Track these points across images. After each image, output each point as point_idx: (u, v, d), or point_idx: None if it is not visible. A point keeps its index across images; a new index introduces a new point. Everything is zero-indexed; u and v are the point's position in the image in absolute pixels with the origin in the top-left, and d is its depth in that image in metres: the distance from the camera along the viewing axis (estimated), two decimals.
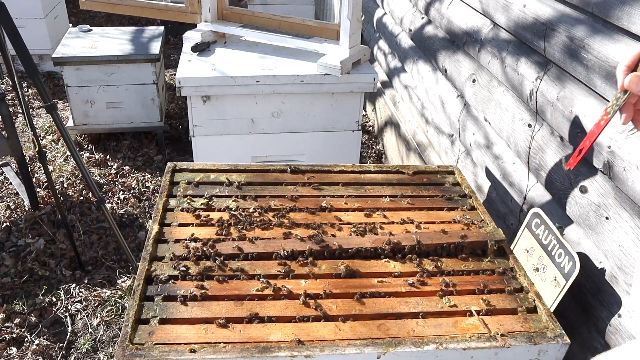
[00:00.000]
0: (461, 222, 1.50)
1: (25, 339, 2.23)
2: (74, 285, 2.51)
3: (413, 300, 1.21)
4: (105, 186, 3.22)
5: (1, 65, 2.37)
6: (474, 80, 2.39)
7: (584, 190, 1.58)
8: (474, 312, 1.19)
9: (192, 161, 2.23)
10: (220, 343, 1.06)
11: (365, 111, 4.39)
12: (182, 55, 2.44)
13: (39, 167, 3.30)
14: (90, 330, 2.31)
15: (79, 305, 2.42)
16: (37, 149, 2.19)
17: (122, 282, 2.55)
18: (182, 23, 2.79)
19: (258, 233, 1.40)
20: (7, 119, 2.51)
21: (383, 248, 1.35)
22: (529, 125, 1.91)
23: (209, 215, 1.44)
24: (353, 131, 2.50)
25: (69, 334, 2.29)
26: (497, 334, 1.13)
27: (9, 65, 2.11)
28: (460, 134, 2.53)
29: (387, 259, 1.34)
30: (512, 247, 1.67)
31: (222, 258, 1.29)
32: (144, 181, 3.31)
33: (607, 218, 1.47)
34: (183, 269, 1.25)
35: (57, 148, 3.58)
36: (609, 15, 1.52)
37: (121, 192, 3.18)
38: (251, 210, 1.47)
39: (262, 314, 1.14)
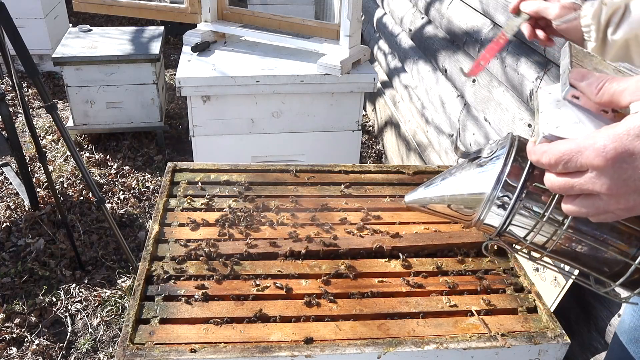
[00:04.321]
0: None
1: (25, 339, 2.23)
2: (74, 285, 2.51)
3: (413, 300, 1.21)
4: (105, 186, 3.22)
5: (1, 65, 2.37)
6: (474, 80, 2.39)
7: None
8: (475, 312, 1.19)
9: (192, 161, 2.23)
10: (220, 343, 1.06)
11: (365, 111, 4.39)
12: (182, 55, 2.44)
13: (39, 167, 3.31)
14: (90, 330, 2.31)
15: (79, 305, 2.42)
16: (35, 149, 2.19)
17: (122, 282, 2.55)
18: (182, 23, 2.78)
19: (258, 233, 1.40)
20: (7, 119, 2.52)
21: (383, 248, 1.35)
22: (529, 125, 1.91)
23: (209, 215, 1.44)
24: (353, 131, 2.50)
25: (69, 334, 2.29)
26: (498, 333, 1.13)
27: (8, 65, 2.11)
28: (461, 134, 2.53)
29: (387, 259, 1.34)
30: None
31: (222, 258, 1.29)
32: (144, 181, 3.31)
33: None
34: (183, 268, 1.25)
35: (57, 148, 3.58)
36: None
37: (121, 192, 3.18)
38: (252, 210, 1.47)
39: (263, 313, 1.14)
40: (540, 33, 1.16)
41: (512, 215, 0.74)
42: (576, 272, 0.89)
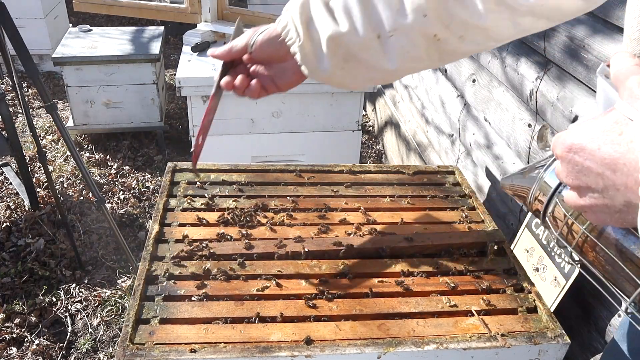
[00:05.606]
0: (461, 223, 1.50)
1: (25, 339, 2.23)
2: (74, 285, 2.51)
3: (413, 300, 1.21)
4: (105, 186, 3.22)
5: (1, 65, 2.37)
6: (474, 80, 2.39)
7: None
8: (475, 312, 1.19)
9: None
10: (220, 343, 1.07)
11: (365, 111, 4.39)
12: (182, 55, 2.44)
13: (39, 167, 3.30)
14: (90, 330, 2.31)
15: (79, 305, 2.42)
16: (36, 149, 2.19)
17: (122, 282, 2.55)
18: (182, 23, 2.79)
19: (258, 233, 1.40)
20: (7, 119, 2.52)
21: (383, 248, 1.35)
22: (529, 126, 1.91)
23: (209, 215, 1.44)
24: (353, 131, 2.50)
25: (69, 334, 2.29)
26: (498, 334, 1.13)
27: (9, 65, 2.11)
28: (461, 134, 2.53)
29: (387, 259, 1.34)
30: (512, 247, 1.67)
31: (222, 258, 1.29)
32: (144, 181, 3.31)
33: None
34: (183, 268, 1.25)
35: (57, 148, 3.58)
36: (609, 15, 1.52)
37: (121, 192, 3.18)
38: (251, 210, 1.47)
39: (263, 314, 1.14)
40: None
41: (552, 202, 0.74)
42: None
